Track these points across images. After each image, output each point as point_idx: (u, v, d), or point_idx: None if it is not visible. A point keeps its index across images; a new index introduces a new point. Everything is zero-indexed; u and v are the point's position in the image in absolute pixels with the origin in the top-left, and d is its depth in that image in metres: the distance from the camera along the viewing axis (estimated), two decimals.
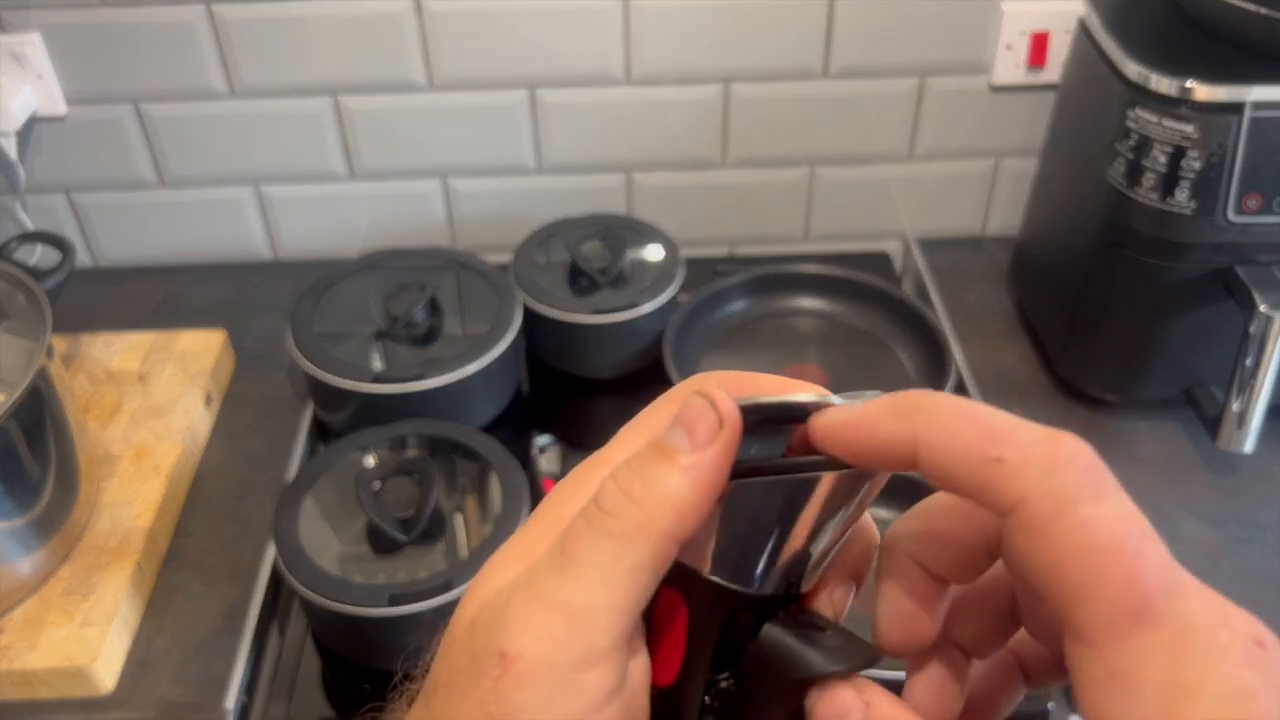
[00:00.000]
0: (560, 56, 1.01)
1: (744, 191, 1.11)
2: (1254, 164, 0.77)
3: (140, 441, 0.87)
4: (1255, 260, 0.80)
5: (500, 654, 0.25)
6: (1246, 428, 0.81)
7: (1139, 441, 0.90)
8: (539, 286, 0.96)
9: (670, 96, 1.04)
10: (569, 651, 0.25)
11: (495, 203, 1.11)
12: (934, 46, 1.02)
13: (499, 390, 0.93)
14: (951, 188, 1.12)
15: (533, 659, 0.25)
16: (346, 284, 0.96)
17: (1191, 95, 0.77)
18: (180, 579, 0.81)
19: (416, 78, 1.02)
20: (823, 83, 1.04)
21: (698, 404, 0.26)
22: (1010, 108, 1.07)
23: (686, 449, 0.26)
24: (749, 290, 1.04)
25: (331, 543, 0.76)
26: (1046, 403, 0.94)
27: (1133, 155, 0.80)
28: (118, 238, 1.12)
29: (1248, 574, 0.79)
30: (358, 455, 0.82)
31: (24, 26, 0.97)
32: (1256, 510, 0.84)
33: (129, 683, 0.74)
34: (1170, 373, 0.88)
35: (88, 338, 0.97)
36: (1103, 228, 0.84)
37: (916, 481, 0.90)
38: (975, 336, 1.02)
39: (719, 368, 1.00)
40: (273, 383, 0.98)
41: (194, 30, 0.98)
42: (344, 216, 1.11)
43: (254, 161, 1.07)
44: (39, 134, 1.04)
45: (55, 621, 0.74)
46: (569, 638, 0.25)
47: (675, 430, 0.26)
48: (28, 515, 0.73)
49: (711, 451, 0.26)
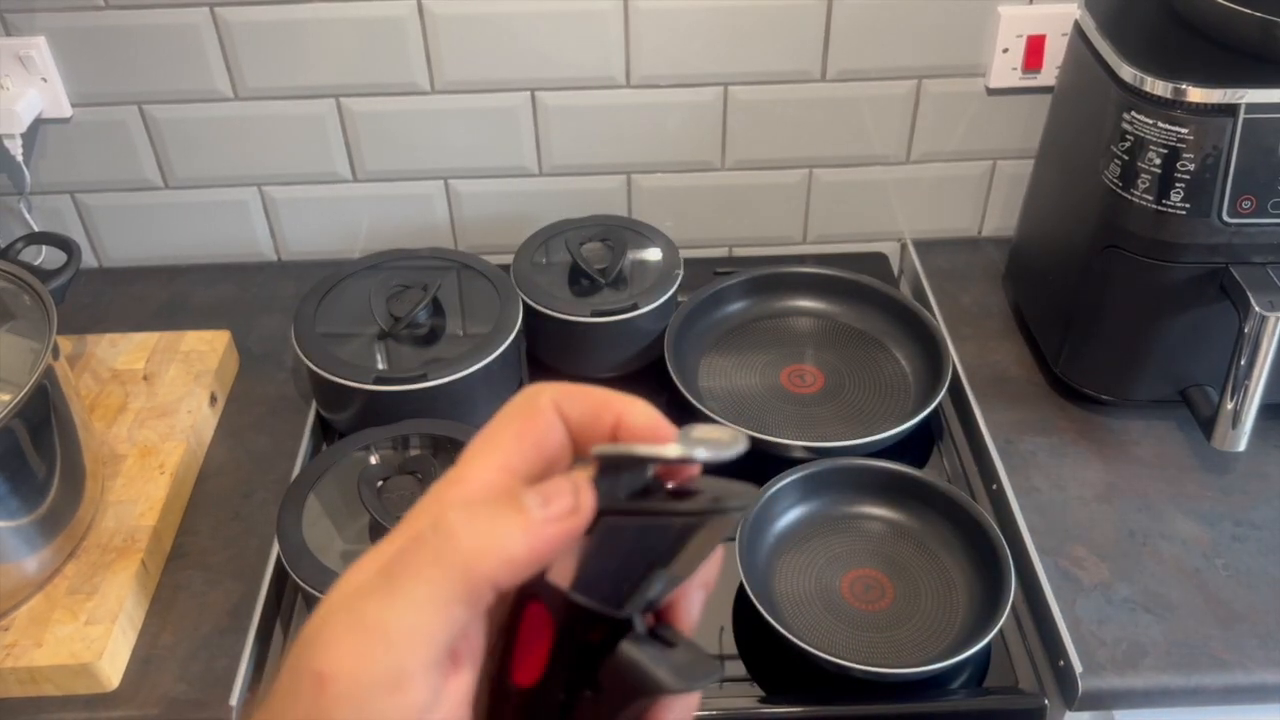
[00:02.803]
0: (561, 60, 1.02)
1: (743, 193, 1.12)
2: (1248, 166, 0.77)
3: (145, 440, 0.88)
4: (1249, 261, 0.81)
5: (316, 674, 0.27)
6: (1241, 427, 0.82)
7: (1134, 440, 0.91)
8: (540, 287, 0.97)
9: (670, 99, 1.05)
10: (382, 671, 0.26)
11: (497, 204, 1.12)
12: (931, 50, 1.03)
13: (500, 390, 0.93)
14: (948, 189, 1.13)
15: (346, 678, 0.26)
16: (349, 284, 0.96)
17: (1186, 97, 0.77)
18: (184, 577, 0.82)
19: (419, 80, 1.03)
20: (820, 86, 1.05)
21: (563, 484, 0.29)
22: (1006, 110, 1.08)
23: (537, 515, 0.28)
24: (748, 291, 1.04)
25: (335, 541, 0.77)
26: (1042, 402, 0.95)
27: (1128, 157, 0.81)
28: (122, 239, 1.12)
29: (1242, 572, 0.79)
30: (361, 454, 0.83)
31: (29, 29, 0.98)
32: (1251, 508, 0.84)
33: (134, 680, 0.75)
34: (1165, 372, 0.89)
35: (93, 338, 0.98)
36: (1098, 229, 0.85)
37: (916, 481, 0.90)
38: (972, 337, 1.02)
39: (718, 368, 1.01)
40: (276, 382, 0.99)
41: (198, 33, 0.99)
42: (347, 217, 1.12)
43: (258, 163, 1.08)
44: (44, 136, 1.05)
45: (60, 619, 0.74)
46: (383, 657, 0.26)
47: (534, 495, 0.28)
48: (33, 514, 0.74)
49: (556, 527, 0.28)
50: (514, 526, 0.28)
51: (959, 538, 0.81)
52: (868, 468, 0.85)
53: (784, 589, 0.80)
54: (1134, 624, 0.76)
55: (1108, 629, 0.76)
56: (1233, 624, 0.76)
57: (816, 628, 0.77)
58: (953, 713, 0.75)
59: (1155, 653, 0.75)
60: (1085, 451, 0.90)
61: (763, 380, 0.98)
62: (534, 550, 0.28)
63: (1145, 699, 0.74)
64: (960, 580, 0.80)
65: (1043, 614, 0.78)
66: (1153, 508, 0.85)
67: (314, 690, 0.27)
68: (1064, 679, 0.75)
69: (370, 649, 0.27)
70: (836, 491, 0.85)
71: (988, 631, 0.72)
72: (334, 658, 0.27)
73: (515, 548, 0.28)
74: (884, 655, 0.75)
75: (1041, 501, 0.85)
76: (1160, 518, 0.84)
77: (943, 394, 0.92)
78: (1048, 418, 0.93)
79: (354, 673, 0.27)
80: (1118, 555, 0.81)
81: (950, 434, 0.96)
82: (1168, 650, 0.75)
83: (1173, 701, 0.74)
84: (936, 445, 0.95)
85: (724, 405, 0.95)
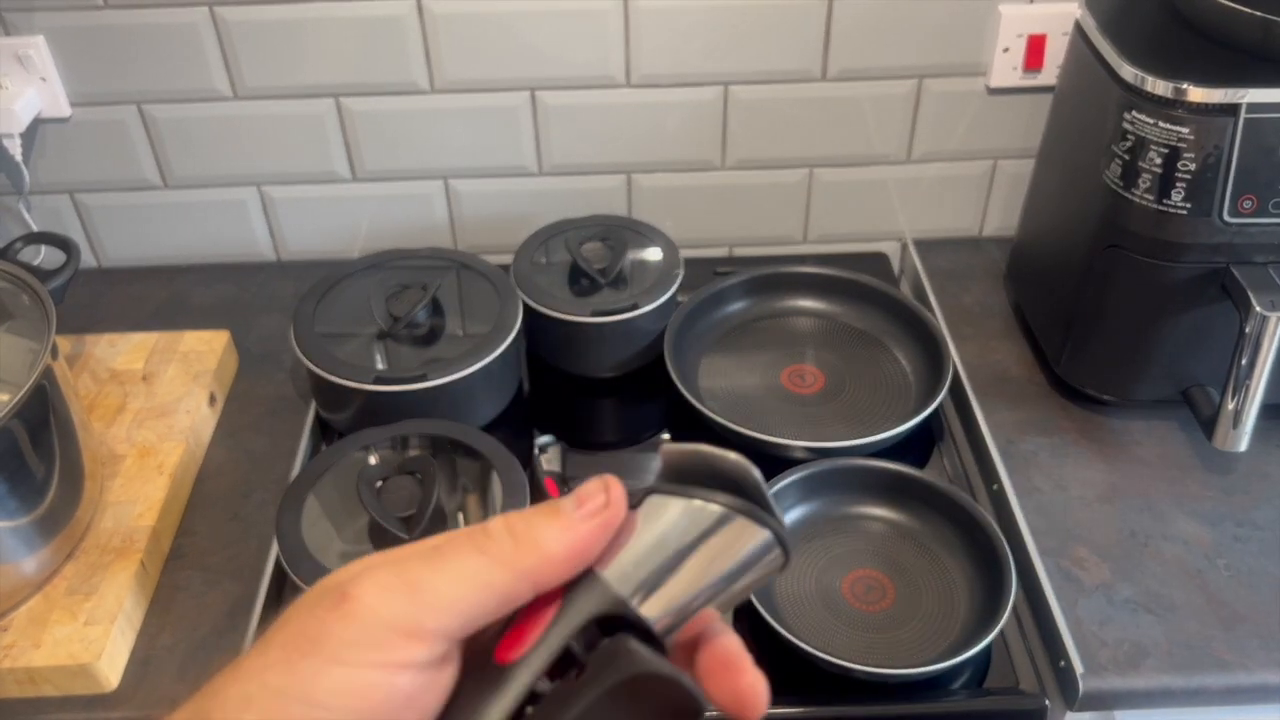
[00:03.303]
0: (561, 59, 1.02)
1: (743, 193, 1.12)
2: (1249, 165, 0.77)
3: (144, 441, 0.88)
4: (1251, 260, 0.81)
5: (343, 593, 0.29)
6: (1242, 427, 0.82)
7: (1135, 441, 0.91)
8: (540, 287, 0.96)
9: (670, 99, 1.05)
10: (399, 615, 0.29)
11: (496, 204, 1.12)
12: (931, 49, 1.03)
13: (500, 390, 0.93)
14: (949, 189, 1.13)
15: (367, 607, 0.28)
16: (349, 284, 0.96)
17: (1187, 97, 0.77)
18: (183, 578, 0.81)
19: (418, 80, 1.02)
20: (821, 85, 1.05)
21: (595, 484, 0.31)
22: (1007, 110, 1.07)
23: (572, 515, 0.30)
24: (748, 291, 1.04)
25: (334, 541, 0.77)
26: (1043, 403, 0.95)
27: (1129, 157, 0.81)
28: (121, 238, 1.12)
29: (1244, 572, 0.79)
30: (360, 454, 0.83)
31: (28, 29, 0.98)
32: (1252, 509, 0.84)
33: (132, 681, 0.74)
34: (1166, 372, 0.88)
35: (92, 338, 0.98)
36: (1099, 228, 0.85)
37: (917, 481, 0.90)
38: (972, 337, 1.02)
39: (718, 368, 1.01)
40: (275, 382, 0.99)
41: (197, 32, 0.98)
42: (346, 217, 1.12)
43: (257, 163, 1.07)
44: (43, 135, 1.05)
45: (59, 620, 0.74)
46: (405, 606, 0.29)
47: (570, 499, 0.31)
48: (32, 514, 0.74)
49: (591, 523, 0.30)
50: (551, 526, 0.30)
51: (960, 538, 0.81)
52: (868, 468, 0.85)
53: (784, 589, 0.80)
54: (1135, 624, 0.76)
55: (1109, 629, 0.76)
56: (1235, 624, 0.76)
57: (817, 628, 0.77)
58: (953, 713, 0.74)
59: (1157, 653, 0.74)
60: (1086, 452, 0.90)
61: (763, 380, 0.98)
62: (569, 546, 0.30)
63: (1147, 700, 0.74)
64: (961, 581, 0.80)
65: (1044, 614, 0.78)
66: (1154, 508, 0.85)
67: (333, 602, 0.29)
68: (1065, 680, 0.75)
69: (399, 595, 0.29)
70: (837, 492, 0.85)
71: (989, 632, 0.72)
72: (364, 589, 0.29)
73: (553, 546, 0.30)
74: (885, 656, 0.75)
75: (1043, 502, 0.85)
76: (1162, 518, 0.84)
77: (943, 394, 0.91)
78: (1049, 418, 0.93)
79: (375, 606, 0.28)
80: (1119, 555, 0.81)
81: (951, 434, 0.96)
82: (1169, 651, 0.75)
83: (1174, 702, 0.74)
84: (937, 445, 0.95)
85: (724, 405, 0.95)
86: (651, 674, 0.29)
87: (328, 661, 0.28)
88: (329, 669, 0.28)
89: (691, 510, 0.30)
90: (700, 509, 0.30)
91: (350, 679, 0.28)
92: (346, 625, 0.28)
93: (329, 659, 0.28)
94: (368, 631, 0.28)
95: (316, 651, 0.28)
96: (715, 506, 0.30)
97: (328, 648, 0.28)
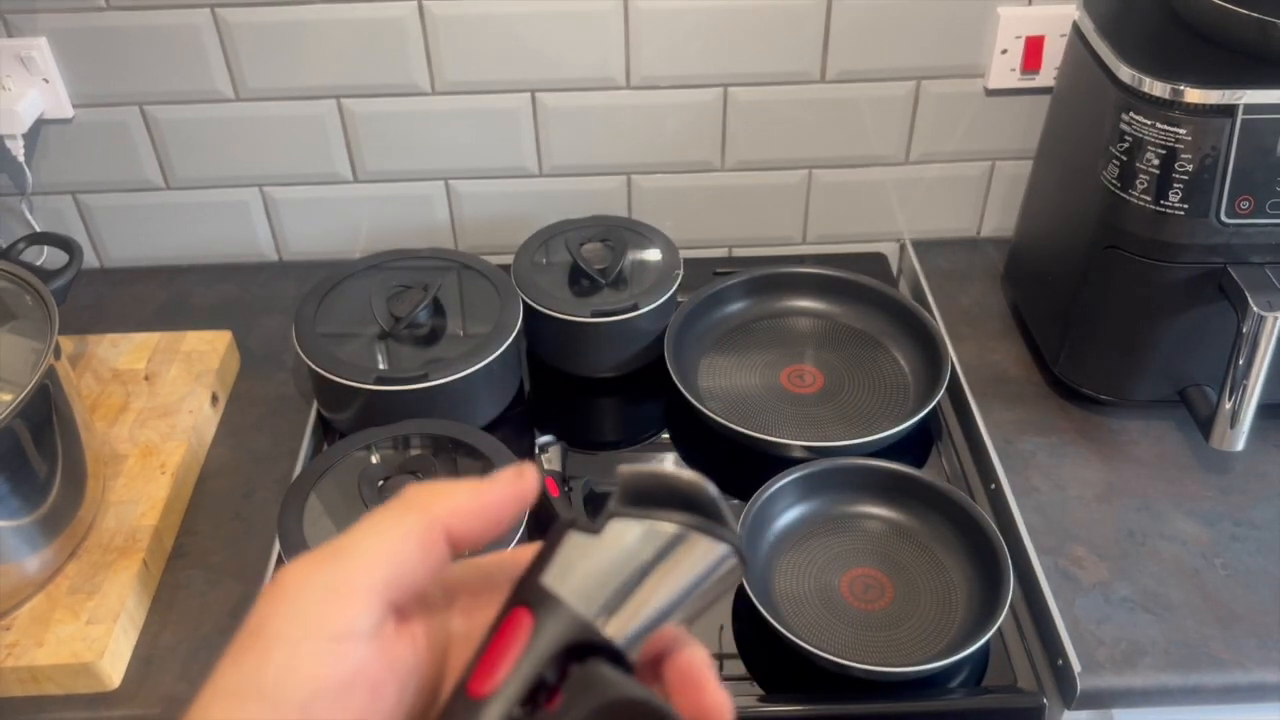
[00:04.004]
0: (561, 61, 1.02)
1: (743, 194, 1.12)
2: (1246, 166, 0.78)
3: (146, 440, 0.88)
4: (1248, 261, 0.81)
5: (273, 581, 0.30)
6: (1239, 426, 0.82)
7: (1133, 441, 0.91)
8: (540, 287, 0.97)
9: (670, 100, 1.05)
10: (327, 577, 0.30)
11: (497, 205, 1.12)
12: (930, 51, 1.03)
13: (501, 390, 0.94)
14: (947, 190, 1.13)
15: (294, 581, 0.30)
16: (350, 285, 0.97)
17: (1184, 98, 0.77)
18: (185, 577, 0.82)
19: (419, 81, 1.03)
20: (820, 87, 1.05)
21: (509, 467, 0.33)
22: (1005, 111, 1.08)
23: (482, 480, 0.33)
24: (747, 291, 1.05)
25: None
26: (1041, 403, 0.95)
27: (1126, 157, 0.81)
28: (124, 239, 1.13)
29: (1241, 572, 0.80)
30: (362, 454, 0.83)
31: (31, 30, 0.98)
32: (1250, 508, 0.85)
33: (135, 679, 0.75)
34: (1164, 372, 0.89)
35: (94, 338, 0.98)
36: (1097, 229, 0.85)
37: (915, 481, 0.90)
38: (971, 337, 1.02)
39: (718, 367, 1.02)
40: (277, 382, 0.99)
41: (199, 34, 0.99)
42: (347, 218, 1.12)
43: (259, 164, 1.08)
44: (46, 136, 1.05)
45: (61, 619, 0.75)
46: (329, 570, 0.30)
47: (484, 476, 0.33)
48: (34, 514, 0.74)
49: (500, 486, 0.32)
50: (462, 484, 0.32)
51: (958, 537, 0.82)
52: (867, 467, 0.86)
53: (783, 588, 0.80)
54: (1133, 623, 0.77)
55: (1107, 628, 0.76)
56: (1232, 623, 0.76)
57: (816, 627, 0.77)
58: (951, 712, 0.75)
59: (1154, 652, 0.75)
60: (1084, 451, 0.90)
61: (763, 380, 0.98)
62: (480, 499, 0.32)
63: (1144, 698, 0.74)
64: (959, 579, 0.80)
65: (1041, 613, 0.79)
66: (1152, 507, 0.85)
67: (269, 594, 0.30)
68: (1063, 678, 0.75)
69: (322, 562, 0.30)
70: (836, 491, 0.86)
71: (987, 631, 0.73)
72: (290, 569, 0.30)
73: (461, 495, 0.32)
74: (883, 654, 0.75)
75: (1040, 501, 0.86)
76: (1159, 517, 0.84)
77: (942, 394, 0.92)
78: (1047, 418, 0.94)
79: (301, 576, 0.30)
80: (1117, 555, 0.81)
81: (949, 434, 0.96)
82: (1166, 650, 0.75)
83: (1171, 701, 0.74)
84: (936, 445, 0.95)
85: (724, 405, 0.95)
86: (625, 699, 0.29)
87: (269, 647, 0.28)
88: (271, 654, 0.28)
89: (650, 531, 0.31)
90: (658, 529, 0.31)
91: (293, 660, 0.28)
92: (278, 604, 0.29)
93: (269, 644, 0.29)
94: (300, 605, 0.29)
95: (256, 641, 0.29)
96: (672, 526, 0.31)
97: (266, 633, 0.29)
